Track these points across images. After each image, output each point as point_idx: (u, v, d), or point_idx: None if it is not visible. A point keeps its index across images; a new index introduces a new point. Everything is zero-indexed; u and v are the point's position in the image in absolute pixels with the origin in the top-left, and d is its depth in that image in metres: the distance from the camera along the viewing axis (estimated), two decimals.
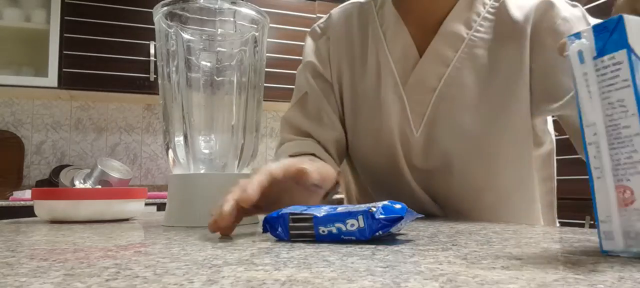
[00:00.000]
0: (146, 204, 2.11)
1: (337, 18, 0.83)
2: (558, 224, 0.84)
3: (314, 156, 0.71)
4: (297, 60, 2.90)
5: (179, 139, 0.63)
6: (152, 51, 2.60)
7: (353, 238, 0.40)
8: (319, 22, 0.85)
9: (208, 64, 0.65)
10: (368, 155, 0.78)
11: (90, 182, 2.20)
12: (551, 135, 0.79)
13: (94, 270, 0.28)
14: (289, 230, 0.42)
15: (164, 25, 0.64)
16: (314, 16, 2.95)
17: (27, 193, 2.26)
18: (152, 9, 0.65)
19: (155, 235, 0.49)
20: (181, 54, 0.63)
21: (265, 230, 0.44)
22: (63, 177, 2.47)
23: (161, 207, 2.25)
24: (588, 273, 0.26)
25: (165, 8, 0.63)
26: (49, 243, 0.42)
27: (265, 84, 0.71)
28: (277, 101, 2.84)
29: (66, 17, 2.51)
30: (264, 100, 0.90)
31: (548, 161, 0.79)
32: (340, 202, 0.62)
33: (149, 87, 2.61)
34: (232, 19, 0.66)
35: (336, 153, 0.78)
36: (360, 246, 0.38)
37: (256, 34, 0.67)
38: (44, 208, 0.68)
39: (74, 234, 0.50)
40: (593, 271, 0.26)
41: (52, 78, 2.46)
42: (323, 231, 0.41)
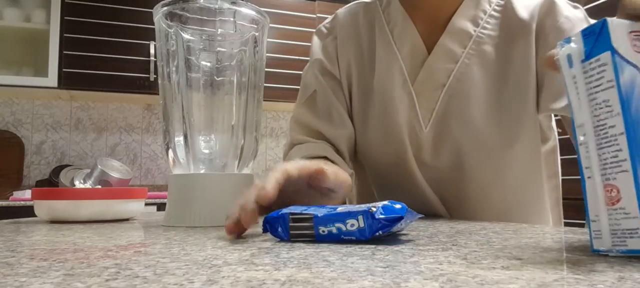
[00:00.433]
0: (146, 204, 2.11)
1: (343, 17, 0.83)
2: (563, 222, 0.85)
3: (327, 159, 0.72)
4: (297, 60, 2.91)
5: (179, 139, 0.63)
6: (152, 51, 2.60)
7: (353, 238, 0.40)
8: (325, 22, 0.86)
9: (208, 64, 0.65)
10: (377, 152, 0.78)
11: (90, 182, 2.20)
12: (554, 131, 0.80)
13: (94, 270, 0.28)
14: (289, 230, 0.42)
15: (164, 25, 0.64)
16: (314, 16, 2.95)
17: (27, 193, 2.26)
18: (152, 9, 0.65)
19: (155, 235, 0.49)
20: (181, 54, 0.63)
21: (265, 230, 0.43)
22: (63, 177, 2.47)
23: (161, 207, 2.25)
24: (588, 273, 0.26)
25: (165, 8, 0.63)
26: (49, 243, 0.42)
27: (265, 84, 0.71)
28: (277, 101, 2.84)
29: (66, 17, 2.51)
30: (264, 100, 0.90)
31: (552, 157, 0.80)
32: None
33: (149, 87, 2.61)
34: (232, 19, 0.66)
35: (348, 151, 0.79)
36: (360, 246, 0.38)
37: (256, 34, 0.67)
38: (44, 208, 0.68)
39: (74, 234, 0.50)
40: (593, 271, 0.26)
41: (52, 78, 2.46)
42: (323, 231, 0.41)
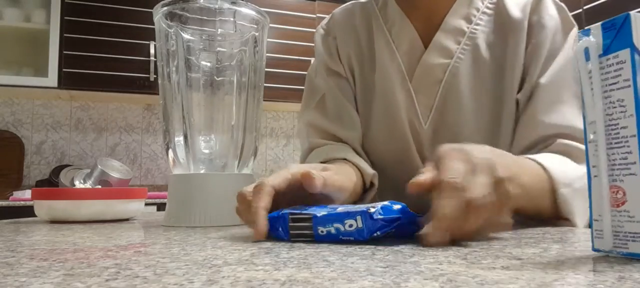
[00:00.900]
0: (146, 204, 2.11)
1: (340, 16, 0.85)
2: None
3: (346, 160, 0.73)
4: (297, 60, 2.91)
5: (179, 139, 0.63)
6: (152, 51, 2.60)
7: (351, 238, 0.40)
8: (322, 23, 0.87)
9: (208, 64, 0.65)
10: (381, 150, 0.79)
11: (90, 182, 2.20)
12: None
13: (94, 270, 0.28)
14: (289, 230, 0.42)
15: (164, 25, 0.64)
16: (314, 16, 2.95)
17: (27, 193, 2.26)
18: (152, 9, 0.65)
19: (155, 235, 0.49)
20: (181, 54, 0.63)
21: None
22: (63, 177, 2.47)
23: (161, 207, 2.25)
24: (588, 273, 0.26)
25: (165, 8, 0.63)
26: (49, 243, 0.42)
27: (265, 84, 0.71)
28: (277, 101, 2.84)
29: (66, 17, 2.51)
30: (264, 100, 0.90)
31: None
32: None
33: (149, 87, 2.60)
34: (232, 19, 0.66)
35: (363, 152, 0.80)
36: (360, 246, 0.38)
37: (256, 34, 0.67)
38: (44, 208, 0.68)
39: (74, 234, 0.50)
40: (593, 271, 0.26)
41: (52, 78, 2.46)
42: (322, 231, 0.41)
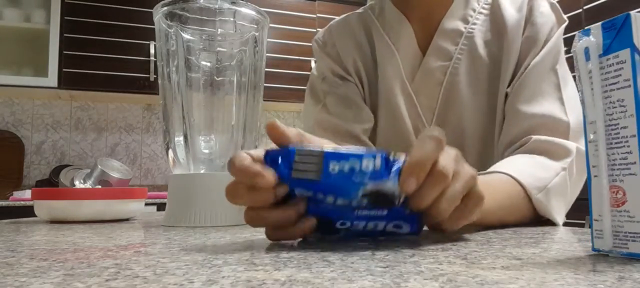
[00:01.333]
0: (146, 204, 2.11)
1: (337, 27, 0.85)
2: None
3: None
4: (297, 60, 2.91)
5: (179, 139, 0.63)
6: (152, 51, 2.60)
7: (364, 181, 0.36)
8: (318, 36, 0.87)
9: (208, 64, 0.65)
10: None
11: (90, 182, 2.20)
12: None
13: (94, 270, 0.28)
14: (293, 166, 0.36)
15: (164, 25, 0.64)
16: (314, 16, 2.95)
17: (27, 193, 2.26)
18: (152, 9, 0.65)
19: (155, 235, 0.49)
20: (181, 54, 0.63)
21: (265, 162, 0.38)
22: (63, 177, 2.47)
23: (161, 207, 2.25)
24: (588, 273, 0.26)
25: (165, 8, 0.63)
26: (49, 243, 0.42)
27: (265, 84, 0.71)
28: (277, 101, 2.84)
29: (66, 17, 2.52)
30: (264, 100, 0.90)
31: None
32: None
33: (149, 87, 2.61)
34: (232, 19, 0.66)
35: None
36: (360, 246, 0.38)
37: (256, 34, 0.67)
38: (44, 208, 0.68)
39: (74, 234, 0.50)
40: (593, 271, 0.26)
41: (52, 78, 2.46)
42: (333, 168, 0.36)
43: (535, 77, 0.68)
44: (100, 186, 2.10)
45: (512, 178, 0.58)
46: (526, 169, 0.60)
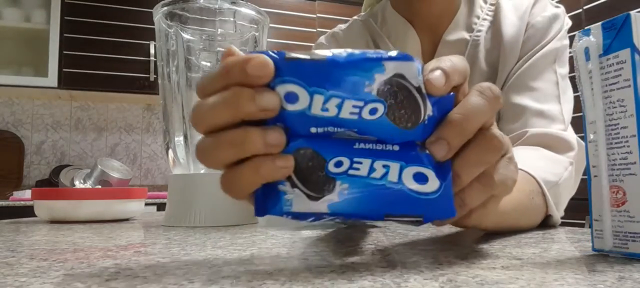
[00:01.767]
0: (146, 204, 2.11)
1: (342, 32, 0.86)
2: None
3: None
4: None
5: (179, 139, 0.63)
6: (152, 51, 2.60)
7: (382, 61, 0.27)
8: (320, 40, 0.88)
9: (208, 64, 0.65)
10: None
11: (90, 182, 2.20)
12: None
13: (94, 270, 0.28)
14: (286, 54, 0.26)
15: (164, 25, 0.64)
16: (314, 16, 2.95)
17: (27, 193, 2.26)
18: (152, 9, 0.65)
19: (155, 235, 0.49)
20: (181, 54, 0.63)
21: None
22: (63, 177, 2.47)
23: (161, 207, 2.25)
24: (588, 273, 0.26)
25: (165, 8, 0.63)
26: (49, 243, 0.42)
27: None
28: None
29: (66, 17, 2.52)
30: None
31: None
32: None
33: (149, 87, 2.61)
34: (232, 19, 0.66)
35: None
36: (360, 246, 0.38)
37: (256, 34, 0.67)
38: (44, 208, 0.68)
39: (74, 234, 0.50)
40: (593, 271, 0.26)
41: (52, 78, 2.46)
42: (340, 54, 0.27)
43: (533, 73, 0.67)
44: (100, 186, 2.10)
45: (526, 172, 0.51)
46: (536, 163, 0.55)
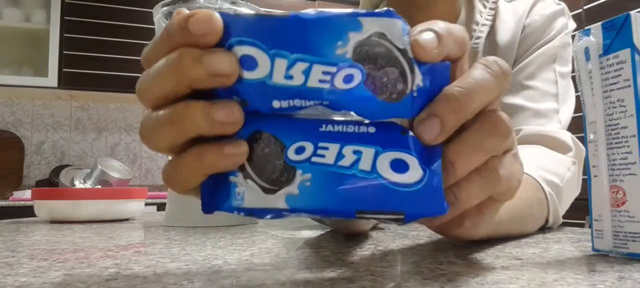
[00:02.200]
0: (146, 204, 2.11)
1: None
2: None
3: None
4: None
5: None
6: None
7: (358, 17, 0.21)
8: None
9: None
10: None
11: (90, 182, 2.20)
12: None
13: (94, 270, 0.28)
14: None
15: (164, 25, 0.64)
16: None
17: (27, 193, 2.26)
18: (152, 9, 0.65)
19: (155, 235, 0.49)
20: None
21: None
22: (63, 177, 2.47)
23: (161, 207, 2.25)
24: (588, 273, 0.26)
25: (165, 8, 0.63)
26: (49, 243, 0.42)
27: None
28: None
29: (66, 17, 2.52)
30: None
31: None
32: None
33: None
34: None
35: None
36: (360, 246, 0.38)
37: None
38: (44, 208, 0.68)
39: (74, 234, 0.50)
40: (593, 271, 0.26)
41: (52, 78, 2.46)
42: (306, 13, 0.22)
43: (529, 72, 0.66)
44: (100, 186, 2.10)
45: (526, 174, 0.48)
46: (538, 163, 0.52)
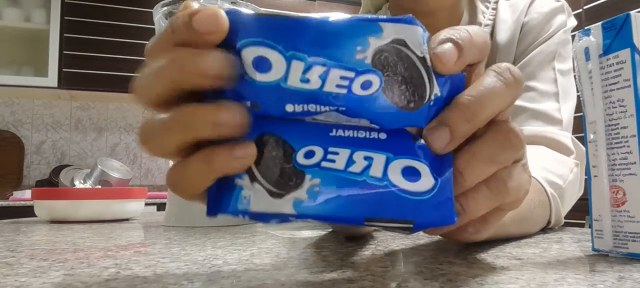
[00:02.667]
0: (146, 204, 2.11)
1: None
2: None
3: None
4: None
5: None
6: None
7: (379, 21, 0.21)
8: None
9: None
10: None
11: (90, 182, 2.20)
12: None
13: (94, 270, 0.28)
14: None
15: (164, 25, 0.64)
16: None
17: (27, 193, 2.26)
18: (152, 9, 0.65)
19: (155, 235, 0.49)
20: None
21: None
22: (63, 177, 2.47)
23: (161, 207, 2.25)
24: (588, 273, 0.26)
25: (165, 8, 0.63)
26: (49, 243, 0.42)
27: None
28: None
29: (66, 17, 2.51)
30: None
31: None
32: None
33: None
34: None
35: None
36: (360, 246, 0.38)
37: None
38: (44, 208, 0.68)
39: (74, 234, 0.50)
40: (593, 271, 0.26)
41: (52, 78, 2.46)
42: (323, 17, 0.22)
43: (527, 72, 0.65)
44: (100, 186, 2.10)
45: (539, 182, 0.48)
46: (541, 163, 0.52)
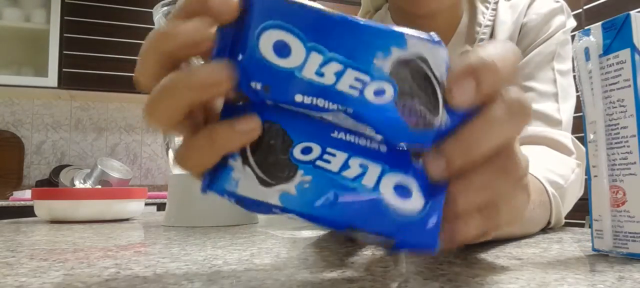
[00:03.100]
0: (146, 204, 2.11)
1: None
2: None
3: None
4: None
5: (179, 139, 0.63)
6: None
7: (401, 29, 0.21)
8: None
9: None
10: None
11: (90, 182, 2.20)
12: None
13: (94, 270, 0.28)
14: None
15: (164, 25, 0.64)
16: None
17: (27, 193, 2.26)
18: (152, 9, 0.65)
19: (155, 235, 0.49)
20: None
21: None
22: (63, 177, 2.47)
23: (161, 207, 2.25)
24: (588, 273, 0.26)
25: (165, 8, 0.63)
26: (49, 243, 0.42)
27: None
28: None
29: (66, 17, 2.51)
30: None
31: None
32: None
33: None
34: None
35: None
36: (360, 246, 0.37)
37: None
38: (44, 208, 0.68)
39: (74, 234, 0.50)
40: (593, 271, 0.26)
41: (52, 78, 2.46)
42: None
43: (527, 73, 0.65)
44: (100, 186, 2.10)
45: (531, 175, 0.46)
46: (542, 163, 0.51)
